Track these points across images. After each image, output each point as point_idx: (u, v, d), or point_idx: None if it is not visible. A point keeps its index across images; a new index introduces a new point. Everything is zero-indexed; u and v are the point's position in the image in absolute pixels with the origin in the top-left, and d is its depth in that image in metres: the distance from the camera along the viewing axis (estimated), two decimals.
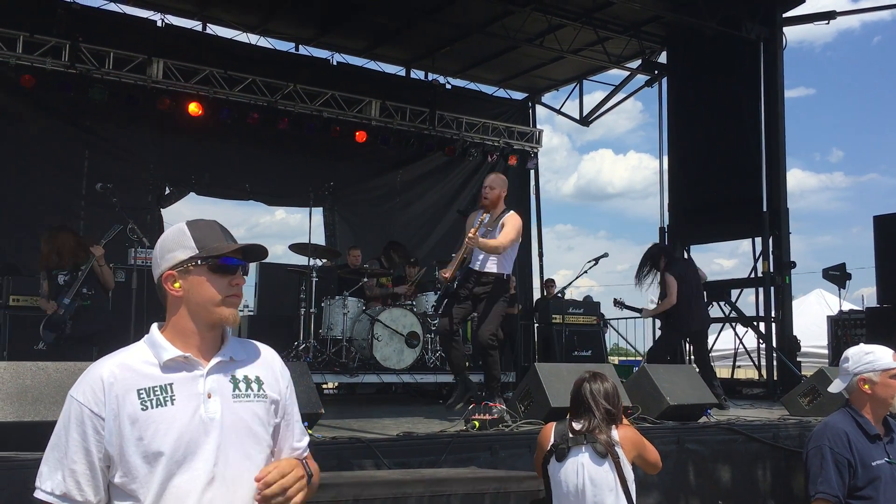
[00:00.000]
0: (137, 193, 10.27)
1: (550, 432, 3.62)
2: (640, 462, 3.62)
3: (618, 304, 8.94)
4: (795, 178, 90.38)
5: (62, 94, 9.90)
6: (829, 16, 11.08)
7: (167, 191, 11.07)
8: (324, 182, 10.22)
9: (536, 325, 11.69)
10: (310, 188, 9.81)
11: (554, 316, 10.57)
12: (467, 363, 10.02)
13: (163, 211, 10.98)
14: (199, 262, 1.82)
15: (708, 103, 11.72)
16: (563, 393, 5.55)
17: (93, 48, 10.07)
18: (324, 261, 10.13)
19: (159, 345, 1.82)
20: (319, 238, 12.00)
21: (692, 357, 8.59)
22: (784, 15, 11.20)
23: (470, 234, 6.26)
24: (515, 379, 9.45)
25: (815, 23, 11.30)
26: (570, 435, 3.52)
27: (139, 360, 1.79)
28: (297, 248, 9.48)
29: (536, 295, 13.75)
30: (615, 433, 3.54)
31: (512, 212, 6.57)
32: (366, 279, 9.70)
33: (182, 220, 1.92)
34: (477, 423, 5.21)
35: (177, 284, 1.83)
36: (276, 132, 11.41)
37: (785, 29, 11.19)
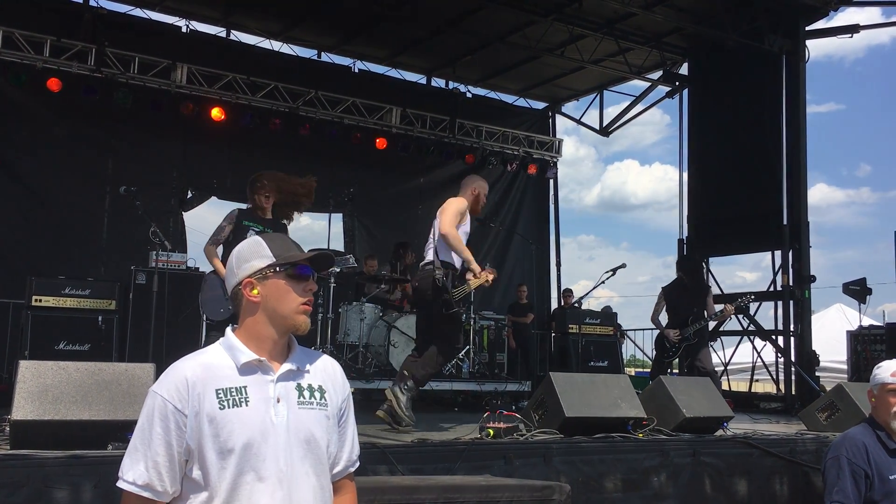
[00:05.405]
0: (160, 197, 10.38)
1: None
2: None
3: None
4: (821, 193, 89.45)
5: (87, 98, 10.01)
6: (852, 29, 11.01)
7: (189, 194, 11.17)
8: (344, 188, 10.28)
9: (553, 334, 11.65)
10: (330, 194, 9.86)
11: (570, 326, 10.52)
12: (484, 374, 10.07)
13: (185, 214, 11.08)
14: (277, 268, 1.95)
15: (729, 115, 11.68)
16: (577, 402, 5.53)
17: (118, 52, 10.20)
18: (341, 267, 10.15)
19: (236, 348, 1.93)
20: (339, 244, 12.05)
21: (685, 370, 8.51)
22: (807, 28, 11.14)
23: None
24: (531, 388, 9.43)
25: (839, 36, 11.25)
26: None
27: (218, 362, 1.91)
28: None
29: (554, 304, 13.75)
30: None
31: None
32: (383, 286, 9.73)
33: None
34: (492, 432, 5.21)
35: (255, 291, 1.95)
36: (297, 138, 11.50)
37: (813, 43, 11.17)
